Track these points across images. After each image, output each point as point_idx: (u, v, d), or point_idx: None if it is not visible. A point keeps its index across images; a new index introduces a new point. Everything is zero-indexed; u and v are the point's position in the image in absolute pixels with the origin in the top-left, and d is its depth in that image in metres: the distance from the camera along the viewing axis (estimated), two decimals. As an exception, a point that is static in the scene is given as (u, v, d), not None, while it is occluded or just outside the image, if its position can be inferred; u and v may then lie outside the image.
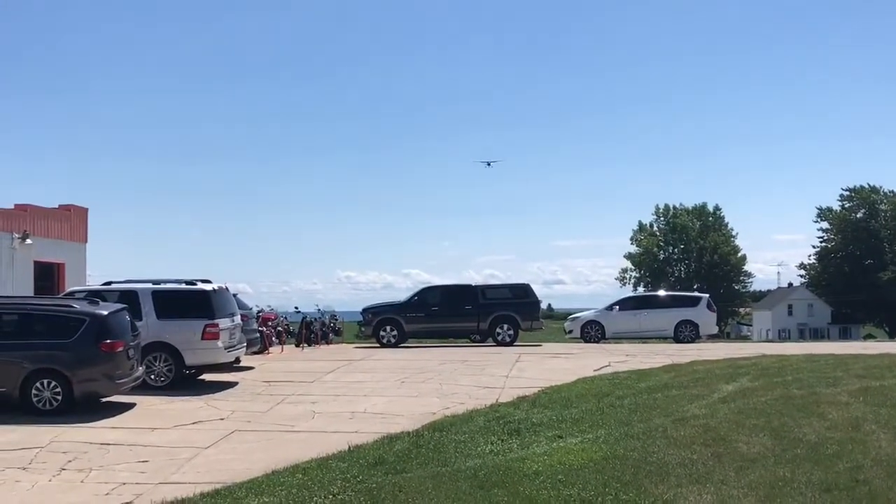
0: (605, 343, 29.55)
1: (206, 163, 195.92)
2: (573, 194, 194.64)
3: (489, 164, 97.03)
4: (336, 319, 31.89)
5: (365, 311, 29.13)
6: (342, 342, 31.05)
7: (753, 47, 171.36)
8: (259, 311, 26.42)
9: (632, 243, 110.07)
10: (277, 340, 26.93)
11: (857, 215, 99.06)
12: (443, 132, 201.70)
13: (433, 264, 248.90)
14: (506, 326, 28.24)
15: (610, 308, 31.51)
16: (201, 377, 18.36)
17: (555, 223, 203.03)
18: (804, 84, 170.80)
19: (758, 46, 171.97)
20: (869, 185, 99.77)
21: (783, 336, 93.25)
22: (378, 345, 27.97)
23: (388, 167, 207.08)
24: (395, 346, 27.75)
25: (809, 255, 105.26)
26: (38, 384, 13.86)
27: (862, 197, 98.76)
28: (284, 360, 23.49)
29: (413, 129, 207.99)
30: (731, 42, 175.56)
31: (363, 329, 29.13)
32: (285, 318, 29.85)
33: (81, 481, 9.63)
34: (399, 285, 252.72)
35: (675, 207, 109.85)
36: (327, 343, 29.89)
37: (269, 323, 26.47)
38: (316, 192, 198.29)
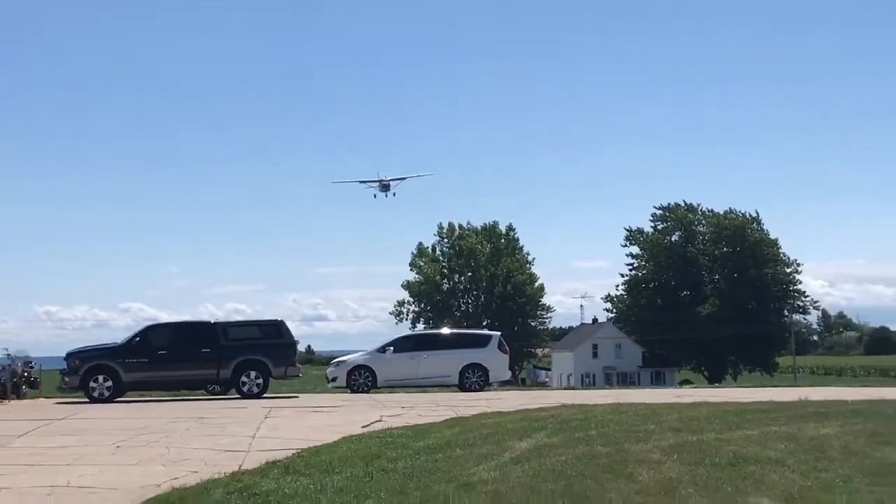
0: (376, 393, 29.83)
1: None
2: (337, 210, 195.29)
3: (388, 189, 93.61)
4: (31, 367, 30.73)
5: (70, 356, 28.40)
6: (40, 396, 29.92)
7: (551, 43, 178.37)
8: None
9: (411, 270, 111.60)
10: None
11: (672, 238, 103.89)
12: (169, 126, 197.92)
13: (159, 296, 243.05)
14: (253, 374, 28.12)
15: (382, 350, 31.97)
16: None
17: (314, 245, 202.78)
18: (612, 88, 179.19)
19: (560, 42, 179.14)
20: (685, 202, 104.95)
21: (587, 382, 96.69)
22: (87, 399, 27.21)
23: (95, 167, 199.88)
24: (110, 400, 27.11)
25: (617, 286, 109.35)
26: None
27: (677, 217, 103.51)
28: (-41, 421, 22.34)
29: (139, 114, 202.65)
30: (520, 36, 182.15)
31: (67, 379, 28.47)
32: (-41, 366, 28.48)
33: None
34: (116, 323, 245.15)
35: (461, 227, 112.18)
36: (19, 398, 28.71)
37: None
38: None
